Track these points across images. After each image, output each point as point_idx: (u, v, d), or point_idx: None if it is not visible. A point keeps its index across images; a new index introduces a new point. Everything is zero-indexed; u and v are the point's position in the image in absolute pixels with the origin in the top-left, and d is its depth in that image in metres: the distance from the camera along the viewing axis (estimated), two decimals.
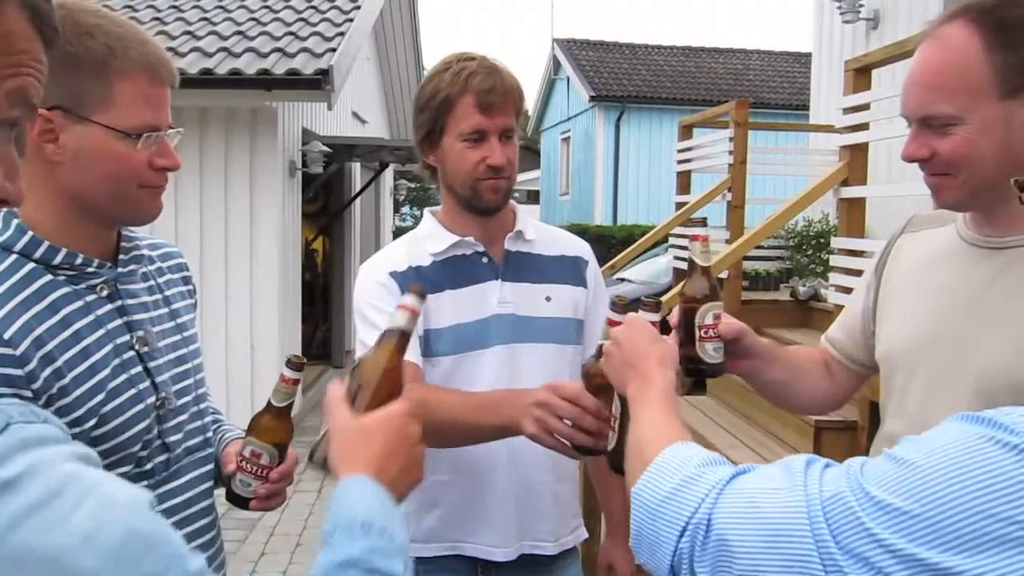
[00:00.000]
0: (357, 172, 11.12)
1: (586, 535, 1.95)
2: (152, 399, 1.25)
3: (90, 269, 1.23)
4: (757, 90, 18.19)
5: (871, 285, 1.53)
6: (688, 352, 1.37)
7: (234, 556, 4.74)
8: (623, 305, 1.39)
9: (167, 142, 1.25)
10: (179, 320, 1.39)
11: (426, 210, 1.90)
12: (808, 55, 9.36)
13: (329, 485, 6.06)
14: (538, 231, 1.88)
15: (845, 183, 4.36)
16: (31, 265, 1.17)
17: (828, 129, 5.88)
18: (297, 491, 5.76)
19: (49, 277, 1.18)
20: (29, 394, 1.09)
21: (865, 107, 4.20)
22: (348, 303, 10.67)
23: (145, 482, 1.23)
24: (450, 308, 1.75)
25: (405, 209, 22.48)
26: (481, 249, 1.79)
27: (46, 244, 1.18)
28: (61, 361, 1.14)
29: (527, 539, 1.78)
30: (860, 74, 4.24)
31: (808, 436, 3.86)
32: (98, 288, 1.24)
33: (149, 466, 1.24)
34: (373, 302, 1.75)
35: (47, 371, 1.12)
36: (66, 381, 1.14)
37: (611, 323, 1.32)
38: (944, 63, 1.26)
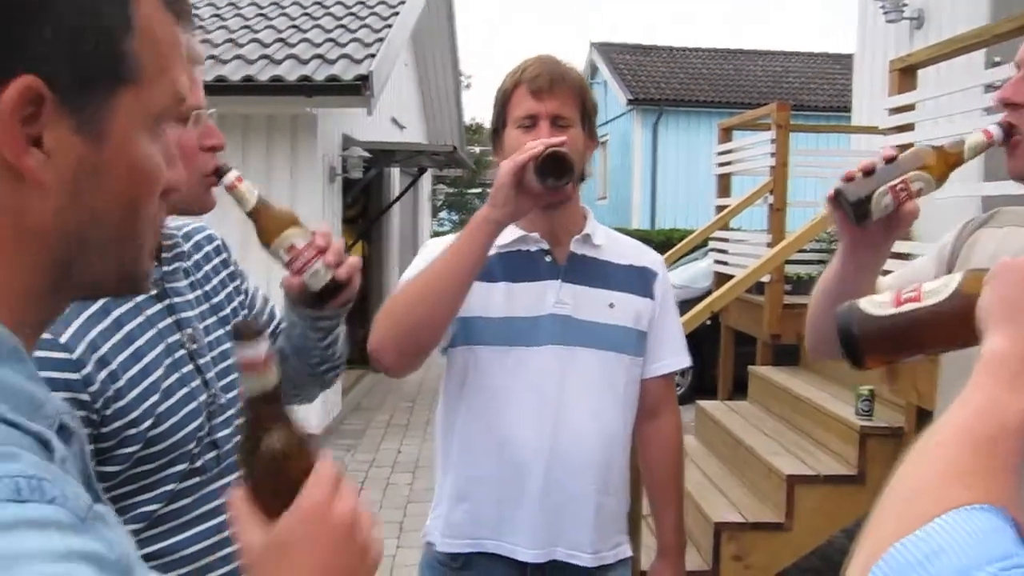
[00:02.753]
0: (396, 177, 11.19)
1: (629, 554, 1.89)
2: (204, 397, 1.26)
3: None
4: (796, 92, 18.00)
5: (939, 270, 1.44)
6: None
7: None
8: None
9: (209, 122, 1.26)
10: (221, 314, 1.39)
11: None
12: (848, 56, 9.24)
13: (369, 488, 6.09)
14: (608, 238, 1.86)
15: None
16: None
17: (872, 131, 5.79)
18: None
19: None
20: (87, 397, 1.11)
21: (910, 107, 4.13)
22: None
23: (197, 478, 1.24)
24: (503, 300, 1.74)
25: (443, 214, 22.60)
26: (545, 247, 1.79)
27: None
28: (116, 363, 1.15)
29: (561, 545, 1.76)
30: (905, 74, 4.17)
31: (853, 443, 3.81)
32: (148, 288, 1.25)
33: (200, 463, 1.25)
34: (418, 261, 1.75)
35: (103, 374, 1.13)
36: (121, 383, 1.15)
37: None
38: None
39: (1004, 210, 1.43)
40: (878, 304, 0.99)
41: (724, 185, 6.59)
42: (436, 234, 17.29)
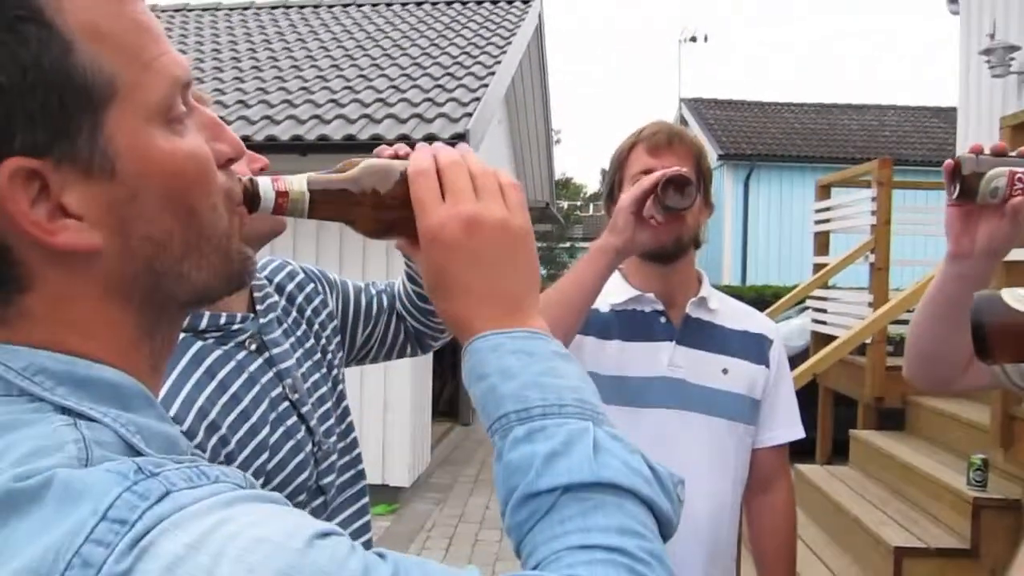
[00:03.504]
0: None
1: None
2: (310, 447, 1.26)
3: (236, 326, 1.22)
4: (893, 146, 17.58)
5: None
6: None
7: None
8: None
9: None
10: (315, 357, 1.38)
11: None
12: (947, 110, 9.00)
13: (457, 544, 6.07)
14: (723, 303, 1.84)
15: None
16: (181, 335, 1.17)
17: None
18: (424, 549, 5.79)
19: (200, 343, 1.18)
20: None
21: None
22: None
23: None
24: (616, 358, 1.72)
25: None
26: (660, 308, 1.77)
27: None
28: (225, 427, 1.15)
29: None
30: (1017, 131, 4.04)
31: (966, 514, 3.62)
32: (247, 344, 1.24)
33: (308, 511, 1.25)
34: None
35: (213, 440, 1.13)
36: (231, 447, 1.16)
37: None
38: None
39: None
40: (1020, 297, 0.94)
41: (822, 242, 6.47)
42: None
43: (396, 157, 1.05)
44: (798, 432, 1.86)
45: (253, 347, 1.24)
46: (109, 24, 0.56)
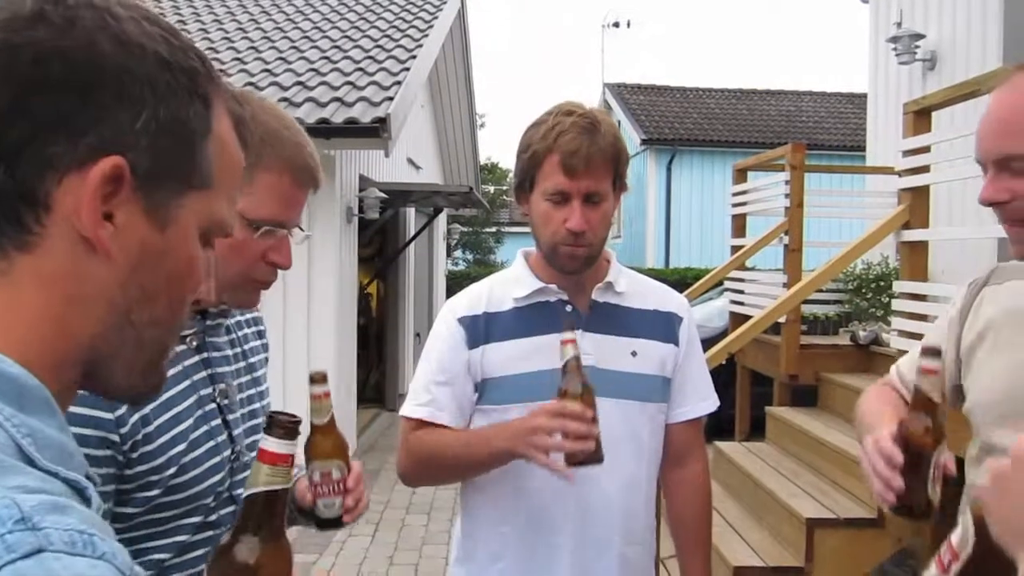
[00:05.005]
0: (412, 217, 11.27)
1: None
2: (228, 452, 1.27)
3: None
4: (810, 132, 18.06)
5: (953, 335, 1.48)
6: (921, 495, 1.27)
7: None
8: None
9: (287, 241, 1.28)
10: (255, 374, 1.41)
11: (520, 251, 1.88)
12: (861, 96, 9.30)
13: (383, 529, 6.06)
14: (631, 283, 1.83)
15: (907, 226, 4.30)
16: None
17: (888, 171, 5.81)
18: (351, 535, 5.77)
19: None
20: (116, 438, 1.12)
21: (926, 149, 4.15)
22: (402, 347, 10.75)
23: (210, 532, 1.25)
24: (523, 356, 1.73)
25: (458, 253, 22.66)
26: (565, 298, 1.77)
27: None
28: (149, 409, 1.16)
29: None
30: (920, 116, 4.20)
31: None
32: (188, 340, 1.26)
33: (214, 517, 1.25)
34: (434, 354, 1.79)
35: (135, 417, 1.14)
36: (151, 428, 1.16)
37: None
38: (1022, 105, 1.25)
39: (1002, 266, 1.47)
40: None
41: (739, 225, 6.61)
42: (451, 273, 17.34)
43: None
44: (710, 406, 1.89)
45: (194, 344, 1.26)
46: (230, 152, 0.70)
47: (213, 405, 1.27)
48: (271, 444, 0.76)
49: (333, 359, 7.18)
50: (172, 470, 1.18)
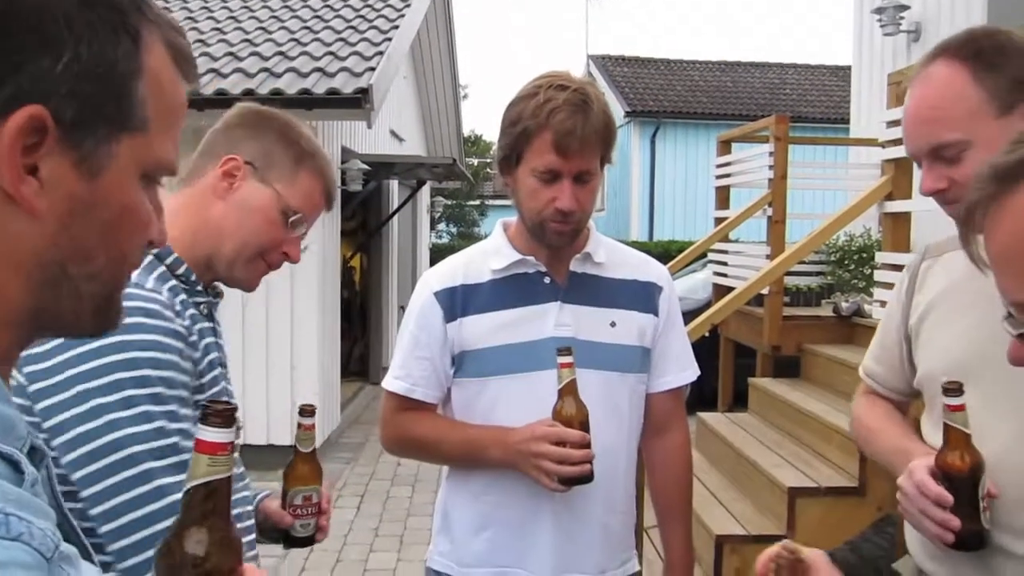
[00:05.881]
0: (395, 190, 11.20)
1: (637, 568, 1.88)
2: None
3: (199, 288, 1.33)
4: (794, 104, 18.06)
5: (901, 316, 1.53)
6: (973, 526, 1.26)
7: (275, 573, 4.76)
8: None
9: (299, 241, 1.40)
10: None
11: (499, 221, 1.86)
12: (845, 68, 9.28)
13: (368, 501, 6.08)
14: (610, 253, 1.81)
15: (889, 197, 4.30)
16: (162, 268, 1.28)
17: (871, 143, 5.81)
18: (336, 507, 5.78)
19: (173, 281, 1.29)
20: (196, 382, 1.24)
21: None
22: (385, 320, 10.73)
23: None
24: (502, 328, 1.73)
25: (441, 226, 22.58)
26: (543, 269, 1.75)
27: (174, 255, 1.29)
28: (203, 354, 1.29)
29: (572, 567, 1.74)
30: (903, 88, 4.18)
31: (853, 455, 3.80)
32: (201, 307, 1.33)
33: None
34: (411, 328, 1.80)
35: (203, 363, 1.27)
36: (202, 370, 1.28)
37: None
38: (940, 96, 1.33)
39: (931, 244, 1.55)
40: None
41: (723, 197, 6.61)
42: (435, 246, 17.29)
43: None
44: (690, 375, 1.89)
45: (206, 312, 1.35)
46: (168, 89, 0.65)
47: (221, 369, 1.35)
48: (209, 434, 0.74)
49: (316, 332, 7.16)
50: (205, 381, 1.29)
